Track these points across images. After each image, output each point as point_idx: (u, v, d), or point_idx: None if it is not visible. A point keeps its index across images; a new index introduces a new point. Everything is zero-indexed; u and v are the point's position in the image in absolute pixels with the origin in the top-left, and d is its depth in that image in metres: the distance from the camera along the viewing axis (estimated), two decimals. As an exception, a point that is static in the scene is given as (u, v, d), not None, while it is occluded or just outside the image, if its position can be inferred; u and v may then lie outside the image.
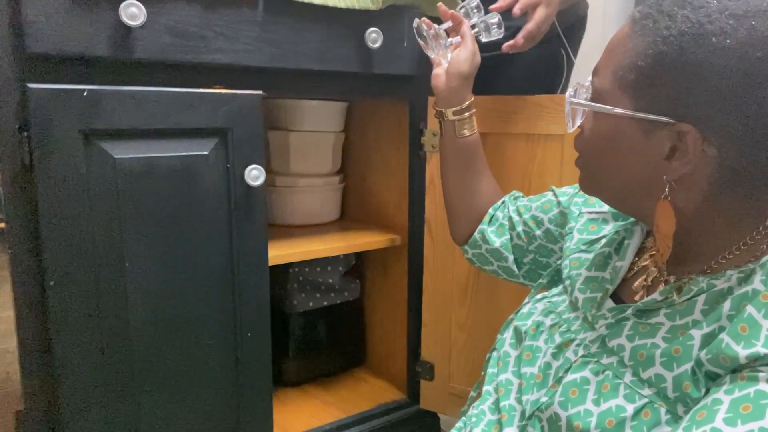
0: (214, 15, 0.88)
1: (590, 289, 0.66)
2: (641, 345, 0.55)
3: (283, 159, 1.30)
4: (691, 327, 0.53)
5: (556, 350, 0.64)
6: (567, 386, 0.59)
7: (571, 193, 0.81)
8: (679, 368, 0.52)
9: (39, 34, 0.76)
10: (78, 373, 0.82)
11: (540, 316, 0.70)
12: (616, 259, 0.67)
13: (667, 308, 0.56)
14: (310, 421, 1.17)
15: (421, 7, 1.08)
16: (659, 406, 0.52)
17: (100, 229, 0.81)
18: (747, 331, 0.48)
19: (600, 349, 0.60)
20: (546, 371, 0.64)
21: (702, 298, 0.54)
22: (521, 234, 0.86)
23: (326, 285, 1.31)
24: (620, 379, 0.56)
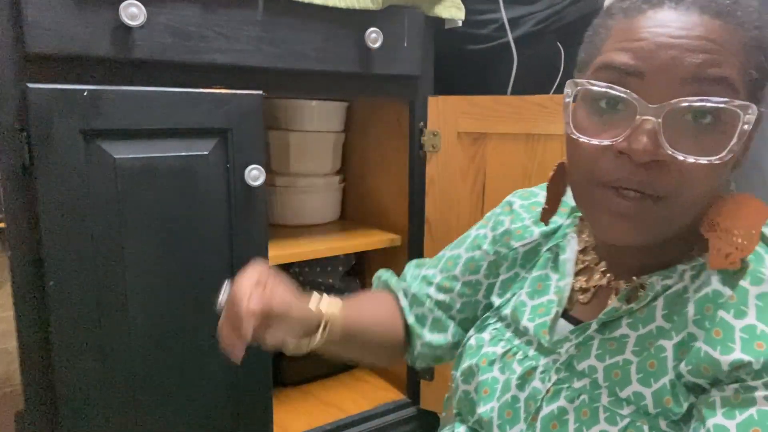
0: (214, 15, 0.88)
1: (538, 315, 0.62)
2: (613, 363, 0.53)
3: (283, 159, 1.30)
4: (657, 336, 0.52)
5: (520, 381, 0.60)
6: (545, 421, 0.56)
7: (490, 237, 0.73)
8: (657, 383, 0.50)
9: (39, 34, 0.76)
10: (78, 373, 0.82)
11: (489, 347, 0.65)
12: (556, 278, 0.63)
13: (628, 317, 0.55)
14: (310, 421, 1.17)
15: (421, 7, 1.08)
16: (642, 424, 0.50)
17: (100, 229, 0.81)
18: (721, 335, 0.47)
19: (568, 373, 0.56)
20: (514, 405, 0.59)
21: (660, 303, 0.53)
22: (456, 303, 0.75)
23: (326, 285, 1.31)
24: (597, 402, 0.53)
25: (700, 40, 0.45)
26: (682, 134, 0.46)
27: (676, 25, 0.46)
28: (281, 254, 1.10)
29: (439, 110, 1.13)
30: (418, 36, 1.09)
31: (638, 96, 0.46)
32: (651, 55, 0.46)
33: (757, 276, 0.48)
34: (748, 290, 0.48)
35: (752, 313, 0.47)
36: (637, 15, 0.48)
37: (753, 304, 0.47)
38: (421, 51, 1.10)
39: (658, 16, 0.47)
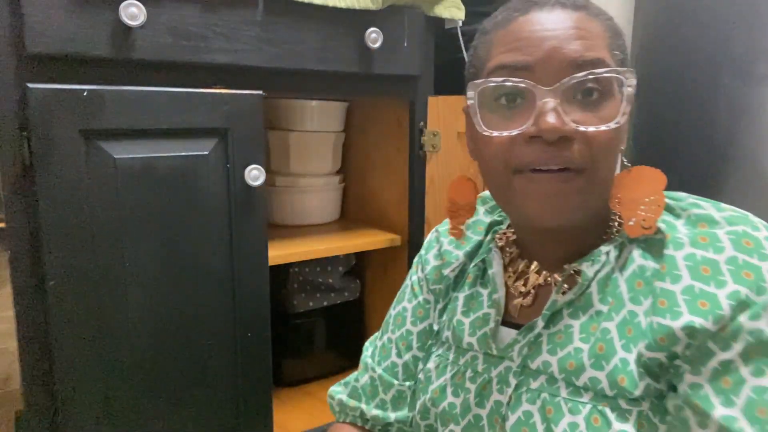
0: (214, 15, 0.88)
1: (478, 328, 0.63)
2: (566, 355, 0.55)
3: (283, 159, 1.30)
4: (599, 320, 0.54)
5: (478, 398, 0.60)
6: (514, 429, 0.56)
7: (423, 278, 0.73)
8: (609, 364, 0.52)
9: (39, 34, 0.76)
10: (78, 373, 0.82)
11: (437, 377, 0.65)
12: (487, 292, 0.64)
13: (567, 308, 0.57)
14: (310, 421, 1.17)
15: (421, 7, 1.08)
16: (603, 407, 0.51)
17: (100, 229, 0.81)
18: (666, 304, 0.50)
19: (523, 376, 0.57)
20: (478, 424, 0.60)
21: (594, 287, 0.56)
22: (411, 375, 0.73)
23: (326, 285, 1.31)
24: (557, 396, 0.54)
25: (573, 29, 0.52)
26: (578, 111, 0.52)
27: (549, 22, 0.52)
28: (281, 254, 1.10)
29: (439, 110, 1.13)
30: (418, 36, 1.09)
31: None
32: (535, 49, 0.52)
33: (678, 242, 0.52)
34: (674, 256, 0.51)
35: (685, 274, 0.50)
36: (511, 23, 0.54)
37: (683, 267, 0.50)
38: (421, 51, 1.10)
39: (530, 18, 0.53)
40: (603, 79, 0.51)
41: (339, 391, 0.77)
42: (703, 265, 0.50)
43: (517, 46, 0.52)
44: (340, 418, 0.77)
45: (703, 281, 0.49)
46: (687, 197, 0.56)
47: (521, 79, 0.51)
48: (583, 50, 0.51)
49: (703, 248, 0.50)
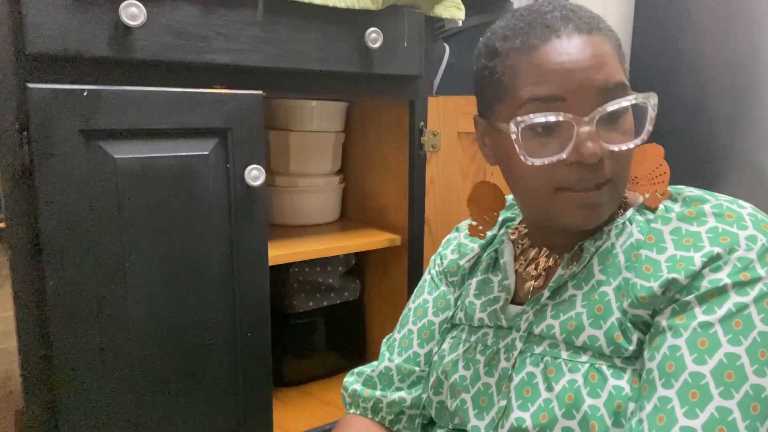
0: (214, 15, 0.88)
1: (489, 305, 0.69)
2: (568, 318, 0.60)
3: (283, 159, 1.30)
4: (599, 287, 0.60)
5: (487, 367, 0.65)
6: (518, 388, 0.61)
7: (437, 281, 0.79)
8: (606, 323, 0.57)
9: (39, 34, 0.76)
10: (78, 373, 0.82)
11: (450, 354, 0.70)
12: (498, 279, 0.70)
13: (572, 280, 0.62)
14: (310, 421, 1.17)
15: (421, 7, 1.08)
16: (600, 365, 0.56)
17: (100, 229, 0.81)
18: (651, 270, 0.56)
19: (528, 342, 0.63)
20: (487, 391, 0.64)
21: (595, 260, 0.62)
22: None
23: (326, 285, 1.31)
24: (558, 358, 0.59)
25: (594, 58, 0.56)
26: (606, 131, 0.57)
27: (573, 52, 0.56)
28: (281, 254, 1.10)
29: (439, 110, 1.13)
30: (418, 36, 1.09)
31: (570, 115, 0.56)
32: (565, 80, 0.56)
33: (666, 217, 0.59)
34: (662, 230, 0.58)
35: (670, 246, 0.56)
36: (534, 52, 0.57)
37: (669, 239, 0.57)
38: (421, 51, 1.10)
39: (554, 48, 0.56)
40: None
41: (352, 381, 0.81)
42: (686, 237, 0.56)
43: (547, 78, 0.56)
44: (350, 409, 0.80)
45: (684, 249, 0.55)
46: (688, 188, 0.62)
47: (559, 112, 0.56)
48: (608, 77, 0.56)
49: (688, 222, 0.57)
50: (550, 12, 0.58)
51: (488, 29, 0.64)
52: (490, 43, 0.62)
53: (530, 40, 0.57)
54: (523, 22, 0.59)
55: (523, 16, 0.60)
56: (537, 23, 0.58)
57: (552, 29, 0.57)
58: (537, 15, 0.59)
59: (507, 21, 0.62)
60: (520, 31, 0.59)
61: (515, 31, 0.59)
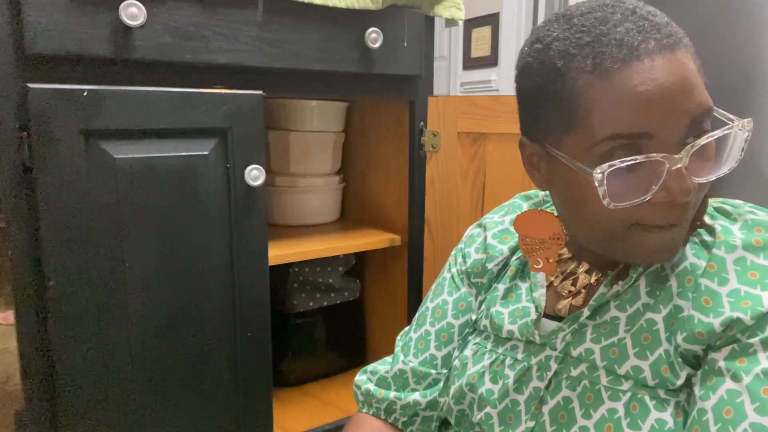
0: (214, 15, 0.88)
1: (519, 318, 0.64)
2: (609, 344, 0.56)
3: (283, 159, 1.30)
4: (645, 311, 0.55)
5: (517, 384, 0.61)
6: (553, 413, 0.57)
7: (458, 282, 0.75)
8: (653, 355, 0.53)
9: (39, 34, 0.76)
10: (78, 373, 0.82)
11: (474, 364, 0.66)
12: (526, 286, 0.66)
13: (614, 300, 0.57)
14: (310, 421, 1.17)
15: (421, 7, 1.08)
16: (642, 395, 0.53)
17: (100, 229, 0.81)
18: (710, 303, 0.51)
19: (564, 363, 0.58)
20: (515, 409, 0.61)
21: (642, 281, 0.56)
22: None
23: (326, 285, 1.31)
24: (598, 384, 0.55)
25: (683, 81, 0.48)
26: (697, 164, 0.50)
27: (659, 76, 0.47)
28: (281, 254, 1.10)
29: (439, 110, 1.13)
30: (418, 36, 1.09)
31: (656, 152, 0.48)
32: (653, 114, 0.47)
33: (730, 244, 0.52)
34: (725, 258, 0.52)
35: (733, 278, 0.51)
36: (611, 77, 0.48)
37: (732, 270, 0.51)
38: (421, 51, 1.10)
39: (637, 73, 0.47)
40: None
41: (365, 380, 0.77)
42: (751, 270, 0.50)
43: (632, 112, 0.47)
44: (363, 408, 0.77)
45: (749, 285, 0.50)
46: (744, 204, 0.57)
47: (650, 153, 0.48)
48: (699, 104, 0.48)
49: (755, 253, 0.51)
50: (620, 22, 0.49)
51: (535, 38, 0.55)
52: (546, 59, 0.52)
53: (605, 62, 0.48)
54: (588, 35, 0.49)
55: (586, 27, 0.50)
56: (608, 39, 0.48)
57: (630, 48, 0.48)
58: (604, 26, 0.49)
59: (564, 32, 0.51)
60: (589, 49, 0.49)
61: (581, 47, 0.49)
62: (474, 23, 2.97)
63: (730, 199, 0.58)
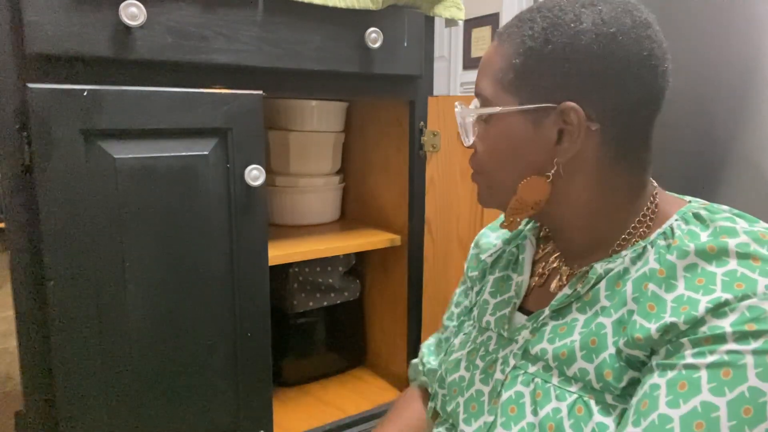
0: (214, 15, 0.88)
1: (499, 309, 0.68)
2: (561, 345, 0.57)
3: (283, 159, 1.30)
4: (600, 315, 0.56)
5: (483, 375, 0.64)
6: (505, 405, 0.60)
7: (462, 278, 0.82)
8: (598, 358, 0.54)
9: (39, 34, 0.76)
10: (78, 373, 0.82)
11: (457, 351, 0.71)
12: (516, 276, 0.69)
13: (576, 302, 0.59)
14: (310, 421, 1.17)
15: (421, 7, 1.08)
16: (588, 399, 0.54)
17: (100, 229, 0.81)
18: (655, 309, 0.52)
19: (524, 359, 0.61)
20: (479, 399, 0.64)
21: (603, 284, 0.58)
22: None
23: (326, 285, 1.31)
24: (549, 383, 0.57)
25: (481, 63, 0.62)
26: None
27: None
28: (281, 254, 1.10)
29: (439, 110, 1.13)
30: (418, 36, 1.09)
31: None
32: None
33: (683, 250, 0.53)
34: (676, 264, 0.52)
35: (681, 284, 0.51)
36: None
37: (681, 276, 0.52)
38: (421, 51, 1.10)
39: None
40: None
41: (424, 351, 0.85)
42: (700, 277, 0.51)
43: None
44: (411, 382, 0.86)
45: (694, 290, 0.50)
46: (729, 211, 0.56)
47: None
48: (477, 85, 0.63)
49: (707, 260, 0.51)
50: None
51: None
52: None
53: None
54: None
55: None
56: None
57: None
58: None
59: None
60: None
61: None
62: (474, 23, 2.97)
63: (716, 205, 0.58)
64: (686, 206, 0.59)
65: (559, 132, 0.56)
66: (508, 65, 0.57)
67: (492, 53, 0.60)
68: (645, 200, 0.60)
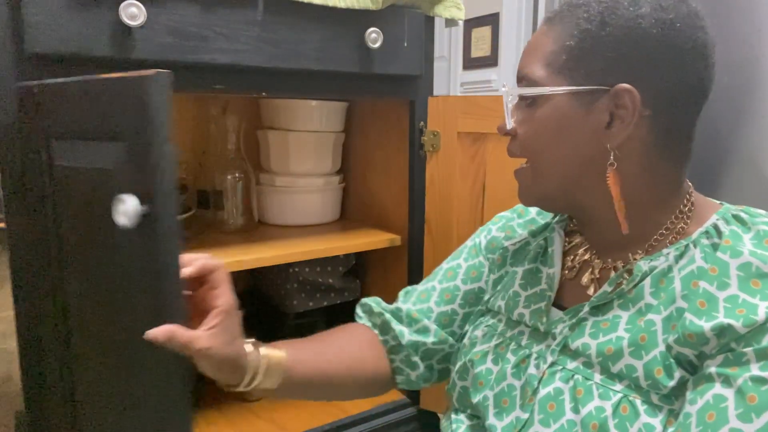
0: (214, 15, 0.87)
1: (533, 302, 0.66)
2: (607, 341, 0.56)
3: (283, 159, 1.30)
4: (647, 312, 0.55)
5: (515, 369, 0.62)
6: (543, 402, 0.58)
7: (485, 243, 0.78)
8: (648, 355, 0.53)
9: (39, 34, 0.76)
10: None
11: (482, 343, 0.68)
12: (546, 269, 0.67)
13: (618, 299, 0.58)
14: (310, 421, 1.17)
15: (421, 7, 1.08)
16: (634, 398, 0.52)
17: (100, 229, 0.81)
18: (705, 306, 0.51)
19: (562, 355, 0.59)
20: (510, 393, 0.62)
21: (648, 281, 0.57)
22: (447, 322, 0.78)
23: (326, 285, 1.31)
24: (590, 380, 0.56)
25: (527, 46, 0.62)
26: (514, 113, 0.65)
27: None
28: (281, 254, 1.09)
29: (439, 110, 1.13)
30: (418, 36, 1.09)
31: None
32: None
33: (737, 250, 0.52)
34: (729, 263, 0.52)
35: (734, 283, 0.51)
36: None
37: (734, 275, 0.51)
38: (421, 51, 1.10)
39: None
40: None
41: (369, 300, 0.82)
42: (755, 278, 0.50)
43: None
44: (359, 320, 0.82)
45: (749, 293, 0.50)
46: (765, 215, 0.56)
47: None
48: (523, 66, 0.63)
49: (763, 261, 0.50)
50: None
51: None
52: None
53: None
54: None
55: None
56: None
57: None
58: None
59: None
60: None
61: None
62: (474, 23, 2.97)
63: (753, 209, 0.58)
64: (723, 208, 0.59)
65: (611, 115, 0.56)
66: (561, 47, 0.57)
67: (541, 37, 0.59)
68: (682, 197, 0.59)
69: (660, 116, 0.56)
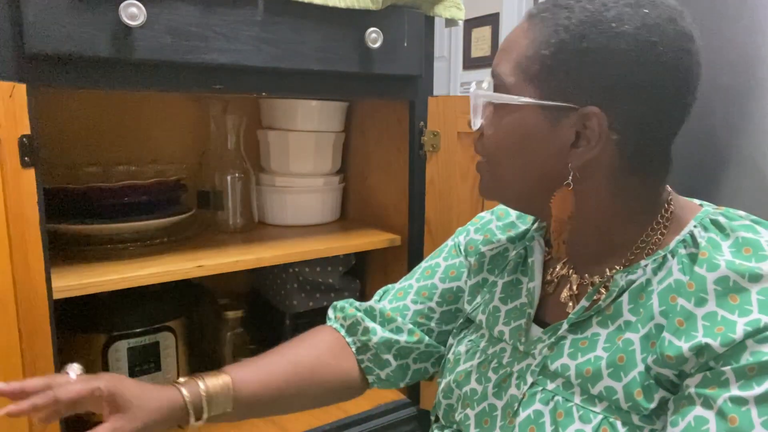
0: (214, 15, 0.87)
1: (513, 319, 0.64)
2: (585, 361, 0.55)
3: (283, 159, 1.30)
4: (625, 330, 0.54)
5: (496, 389, 0.61)
6: (523, 425, 0.57)
7: (463, 243, 0.77)
8: (627, 377, 0.52)
9: (39, 34, 0.76)
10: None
11: (465, 361, 0.67)
12: (527, 281, 0.65)
13: (597, 315, 0.56)
14: (310, 421, 1.17)
15: (421, 7, 1.08)
16: (615, 420, 0.51)
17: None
18: (684, 325, 0.49)
19: (542, 375, 0.58)
20: (492, 413, 0.61)
21: (626, 297, 0.55)
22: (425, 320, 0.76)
23: (326, 285, 1.31)
24: (571, 402, 0.54)
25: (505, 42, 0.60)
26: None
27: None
28: (281, 254, 1.09)
29: (439, 110, 1.13)
30: (418, 36, 1.09)
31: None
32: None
33: (713, 263, 0.50)
34: (706, 277, 0.50)
35: (712, 299, 0.49)
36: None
37: (712, 290, 0.49)
38: (421, 51, 1.10)
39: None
40: None
41: (340, 303, 0.80)
42: (732, 293, 0.48)
43: None
44: (328, 322, 0.79)
45: (727, 309, 0.48)
46: (746, 217, 0.54)
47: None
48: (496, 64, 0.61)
49: (739, 274, 0.49)
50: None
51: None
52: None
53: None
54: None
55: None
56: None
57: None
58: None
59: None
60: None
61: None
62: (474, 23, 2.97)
63: (733, 210, 0.56)
64: (702, 212, 0.56)
65: (577, 134, 0.54)
66: (535, 55, 0.54)
67: (519, 35, 0.56)
68: (659, 208, 0.57)
69: (629, 140, 0.53)
